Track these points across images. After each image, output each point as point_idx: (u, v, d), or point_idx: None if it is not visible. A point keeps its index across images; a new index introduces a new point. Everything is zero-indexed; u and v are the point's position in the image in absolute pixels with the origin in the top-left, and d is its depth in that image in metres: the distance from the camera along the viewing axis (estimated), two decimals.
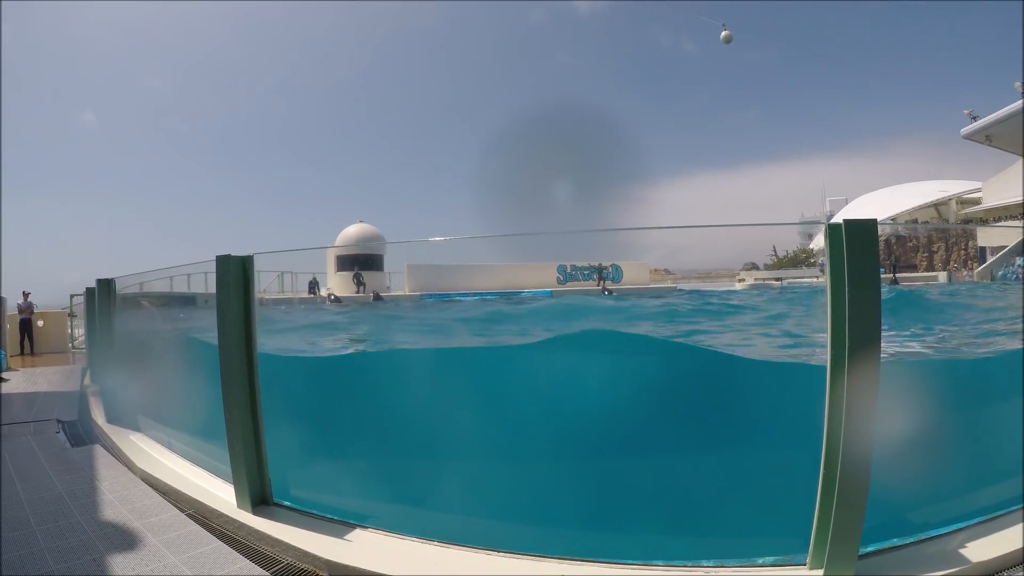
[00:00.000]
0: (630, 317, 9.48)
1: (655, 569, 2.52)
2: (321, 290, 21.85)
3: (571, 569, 2.54)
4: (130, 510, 3.40)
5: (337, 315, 14.13)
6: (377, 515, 3.08)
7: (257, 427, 3.21)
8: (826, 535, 2.28)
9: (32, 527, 3.17)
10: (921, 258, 35.64)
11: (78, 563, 2.73)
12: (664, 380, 3.89)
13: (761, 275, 31.80)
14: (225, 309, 3.16)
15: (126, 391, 5.67)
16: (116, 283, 6.34)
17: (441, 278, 18.74)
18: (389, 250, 27.31)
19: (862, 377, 2.18)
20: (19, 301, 13.56)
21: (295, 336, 7.41)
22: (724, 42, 17.22)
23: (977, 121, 28.52)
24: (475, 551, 2.72)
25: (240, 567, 2.69)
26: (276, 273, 18.77)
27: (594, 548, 2.68)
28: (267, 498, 3.29)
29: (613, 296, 15.20)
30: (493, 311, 11.59)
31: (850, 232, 2.22)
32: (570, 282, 20.99)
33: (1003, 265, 25.37)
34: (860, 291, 2.18)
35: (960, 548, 2.53)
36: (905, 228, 42.67)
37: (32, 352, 13.59)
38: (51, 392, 7.96)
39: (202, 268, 4.34)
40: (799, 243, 48.66)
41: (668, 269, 26.73)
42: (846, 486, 2.22)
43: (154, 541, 2.96)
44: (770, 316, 9.22)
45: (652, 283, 23.85)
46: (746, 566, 2.53)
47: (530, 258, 20.99)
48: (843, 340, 2.19)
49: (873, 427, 2.19)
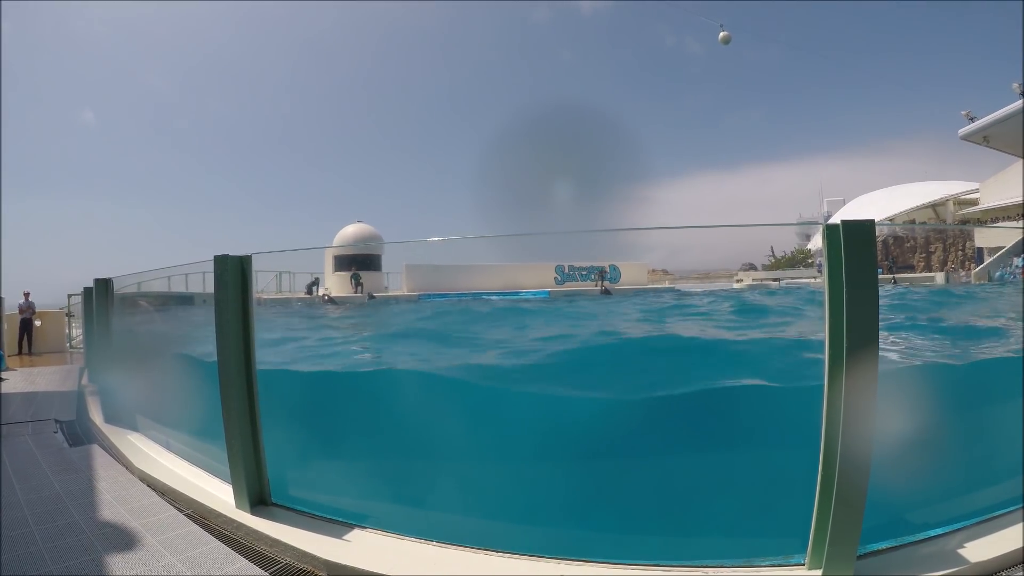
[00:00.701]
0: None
1: (654, 569, 2.52)
2: (319, 290, 21.84)
3: (570, 569, 2.54)
4: (128, 510, 3.39)
5: (336, 320, 14.15)
6: (376, 515, 3.08)
7: (255, 427, 3.20)
8: (825, 535, 2.28)
9: (30, 527, 3.16)
10: (919, 259, 35.67)
11: (76, 563, 2.72)
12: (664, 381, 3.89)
13: (759, 276, 31.80)
14: (223, 309, 3.15)
15: (124, 391, 5.66)
16: (114, 283, 6.32)
17: (439, 278, 18.73)
18: (387, 250, 27.28)
19: (860, 377, 2.18)
20: (20, 301, 13.56)
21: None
22: (722, 43, 17.25)
23: (974, 122, 28.55)
24: (474, 551, 2.72)
25: (239, 567, 2.69)
26: (274, 273, 18.77)
27: (593, 548, 2.68)
28: (265, 498, 3.28)
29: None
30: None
31: (848, 232, 2.22)
32: (568, 282, 21.00)
33: (1001, 266, 25.41)
34: (858, 291, 2.18)
35: (959, 548, 2.53)
36: (903, 229, 42.72)
37: (30, 352, 13.57)
38: (49, 392, 7.94)
39: (200, 268, 4.34)
40: (797, 244, 48.75)
41: (666, 270, 26.74)
42: (845, 486, 2.22)
43: (152, 541, 2.95)
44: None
45: (650, 283, 23.83)
46: (745, 566, 2.53)
47: (529, 258, 21.01)
48: (841, 340, 2.19)
49: (872, 427, 2.20)
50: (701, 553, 2.68)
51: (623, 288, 18.54)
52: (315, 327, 11.14)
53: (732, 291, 18.30)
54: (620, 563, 2.55)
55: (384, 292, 23.21)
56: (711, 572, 2.50)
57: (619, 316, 11.05)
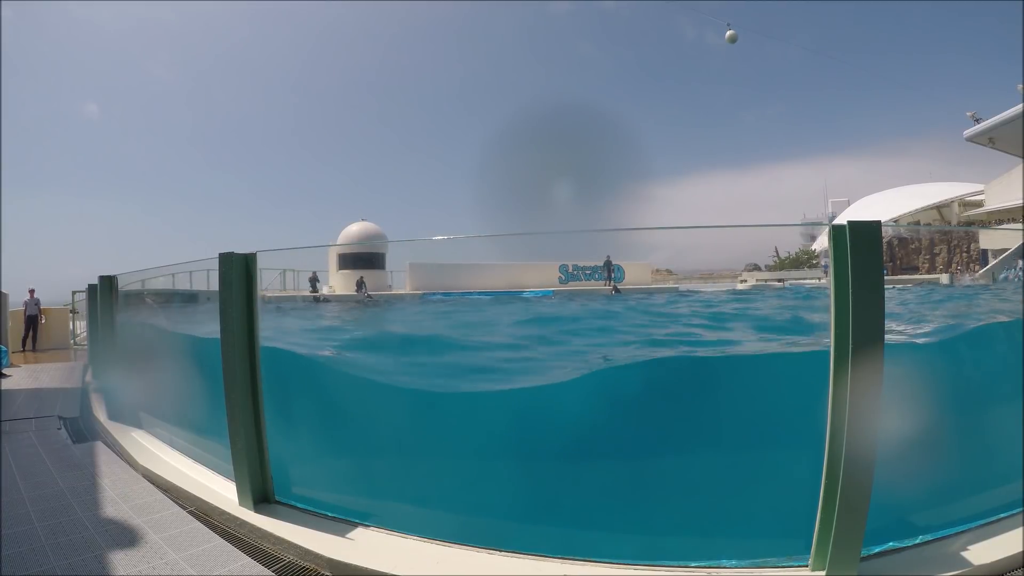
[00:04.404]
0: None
1: (657, 569, 2.51)
2: (321, 288, 21.89)
3: (573, 569, 2.54)
4: (131, 507, 3.40)
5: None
6: (379, 514, 3.08)
7: (259, 425, 3.21)
8: (828, 536, 2.28)
9: (33, 523, 3.17)
10: (923, 260, 35.53)
11: (79, 560, 2.73)
12: (668, 379, 3.88)
13: (763, 276, 31.73)
14: (228, 306, 3.15)
15: (128, 388, 5.67)
16: (118, 280, 6.34)
17: (443, 277, 18.72)
18: (391, 248, 27.23)
19: (865, 377, 2.17)
20: (25, 298, 13.63)
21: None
22: (729, 41, 17.20)
23: (980, 123, 28.40)
24: (477, 550, 2.72)
25: (242, 565, 2.69)
26: (278, 271, 18.82)
27: (596, 548, 2.68)
28: (269, 496, 3.29)
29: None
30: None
31: (854, 233, 2.21)
32: (572, 282, 20.97)
33: (1005, 268, 25.28)
34: (864, 292, 2.18)
35: (962, 551, 2.52)
36: (907, 230, 42.56)
37: (35, 348, 13.64)
38: (53, 388, 7.97)
39: (204, 265, 4.35)
40: (801, 244, 48.57)
41: (670, 270, 26.67)
42: (849, 487, 2.21)
43: (155, 538, 2.96)
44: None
45: (654, 283, 23.80)
46: (748, 567, 2.53)
47: (533, 257, 20.97)
48: (847, 340, 2.18)
49: (877, 428, 2.19)
50: (704, 553, 2.67)
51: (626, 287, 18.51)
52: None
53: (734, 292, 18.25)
54: (624, 563, 2.55)
55: (388, 291, 23.24)
56: (714, 572, 2.49)
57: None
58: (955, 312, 9.18)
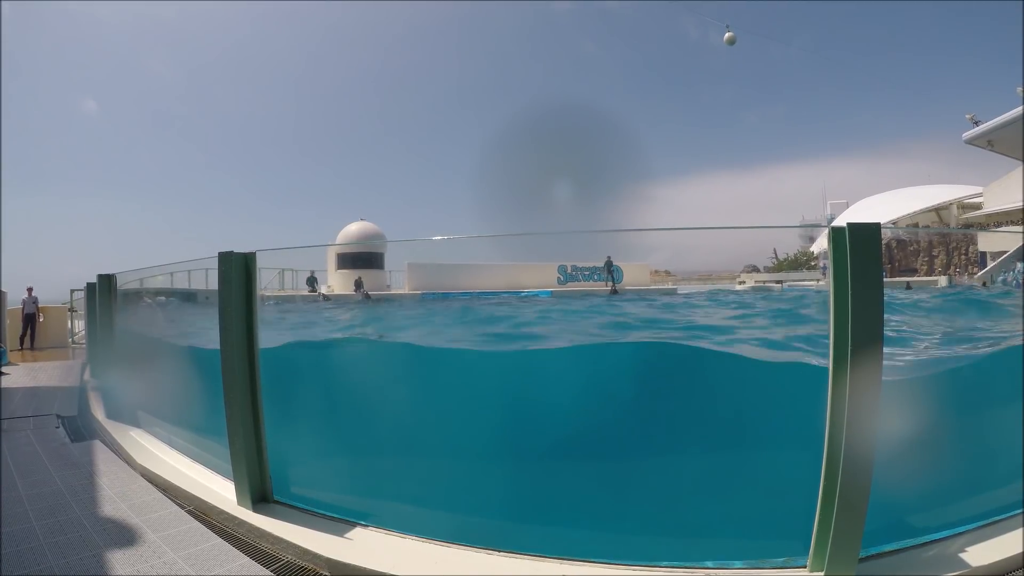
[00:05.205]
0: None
1: (657, 570, 2.51)
2: (320, 288, 21.88)
3: (572, 569, 2.54)
4: (130, 506, 3.40)
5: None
6: (378, 513, 3.08)
7: (258, 424, 3.20)
8: (827, 537, 2.28)
9: (31, 522, 3.16)
10: (922, 262, 35.58)
11: (77, 559, 2.72)
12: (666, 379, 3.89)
13: (762, 277, 31.73)
14: (227, 305, 3.15)
15: (126, 387, 5.66)
16: (117, 279, 6.33)
17: (442, 277, 18.72)
18: (390, 248, 27.18)
19: (864, 379, 2.18)
20: (24, 296, 13.61)
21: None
22: (727, 43, 17.24)
23: (979, 126, 28.45)
24: (476, 550, 2.72)
25: (240, 564, 2.69)
26: (276, 270, 18.81)
27: (595, 548, 2.68)
28: (267, 495, 3.29)
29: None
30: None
31: (853, 235, 2.22)
32: (570, 282, 21.00)
33: (1003, 270, 25.31)
34: (863, 293, 2.18)
35: (961, 552, 2.53)
36: (906, 232, 42.63)
37: (32, 347, 13.62)
38: (51, 387, 7.96)
39: (203, 264, 4.35)
40: (800, 246, 48.60)
41: (669, 271, 26.67)
42: (847, 488, 2.21)
43: (153, 537, 2.96)
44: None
45: (652, 284, 23.81)
46: (747, 567, 2.53)
47: (532, 258, 20.96)
48: (846, 342, 2.19)
49: (875, 429, 2.19)
50: (703, 554, 2.68)
51: (624, 288, 18.51)
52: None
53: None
54: (622, 563, 2.55)
55: (386, 291, 23.22)
56: (713, 572, 2.49)
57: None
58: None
